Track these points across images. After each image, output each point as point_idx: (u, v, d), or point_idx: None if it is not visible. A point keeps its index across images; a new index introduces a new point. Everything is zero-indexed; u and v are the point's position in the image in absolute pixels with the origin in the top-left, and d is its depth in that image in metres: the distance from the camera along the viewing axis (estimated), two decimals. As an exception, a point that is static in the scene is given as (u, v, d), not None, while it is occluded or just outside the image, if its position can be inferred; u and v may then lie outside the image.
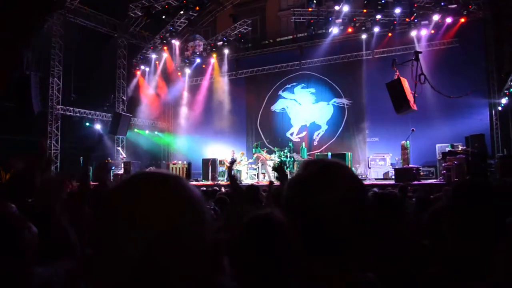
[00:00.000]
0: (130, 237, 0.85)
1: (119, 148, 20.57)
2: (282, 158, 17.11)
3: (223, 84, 21.22)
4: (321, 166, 1.20)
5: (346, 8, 16.35)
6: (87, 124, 19.14)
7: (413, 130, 14.38)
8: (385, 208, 3.26)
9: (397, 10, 15.94)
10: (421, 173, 14.71)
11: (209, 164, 17.83)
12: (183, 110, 21.74)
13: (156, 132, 22.04)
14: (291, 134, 20.09)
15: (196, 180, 17.88)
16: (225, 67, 21.06)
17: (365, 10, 16.51)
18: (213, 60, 21.00)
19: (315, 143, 19.44)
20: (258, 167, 17.40)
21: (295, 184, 1.18)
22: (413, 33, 16.54)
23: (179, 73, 21.66)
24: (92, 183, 3.95)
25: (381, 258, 2.25)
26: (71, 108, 18.38)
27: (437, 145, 15.12)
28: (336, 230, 1.11)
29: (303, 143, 18.51)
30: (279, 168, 2.79)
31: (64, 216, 2.55)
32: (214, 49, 20.42)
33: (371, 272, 1.15)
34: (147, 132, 21.68)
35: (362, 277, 1.11)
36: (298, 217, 1.15)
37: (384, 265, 2.09)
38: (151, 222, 0.86)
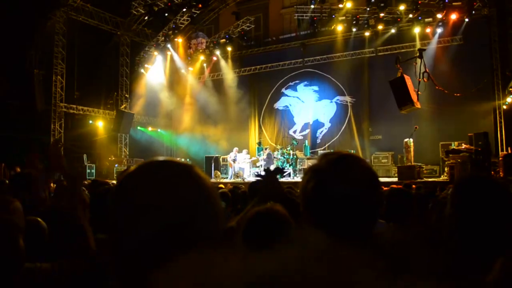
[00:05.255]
0: (146, 220, 0.86)
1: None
2: (285, 156, 17.09)
3: (225, 81, 21.19)
4: (337, 156, 1.22)
5: (349, 6, 16.29)
6: (90, 121, 19.19)
7: (416, 128, 14.35)
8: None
9: (401, 8, 15.88)
10: (424, 171, 14.69)
11: (212, 162, 17.86)
12: (186, 108, 21.73)
13: (158, 130, 22.06)
14: (294, 132, 20.07)
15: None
16: (228, 64, 21.03)
17: (368, 8, 16.47)
18: (216, 57, 20.97)
19: (318, 140, 19.41)
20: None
21: (312, 173, 1.20)
22: (417, 31, 16.48)
23: (182, 71, 21.65)
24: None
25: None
26: (74, 106, 18.42)
27: (441, 143, 15.08)
28: (350, 217, 1.13)
29: (306, 141, 18.49)
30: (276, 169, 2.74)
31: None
32: (216, 47, 20.40)
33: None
34: (149, 129, 21.70)
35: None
36: (314, 204, 1.17)
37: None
38: (169, 206, 0.87)
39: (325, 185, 1.16)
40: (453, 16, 15.39)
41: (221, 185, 8.79)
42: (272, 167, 15.65)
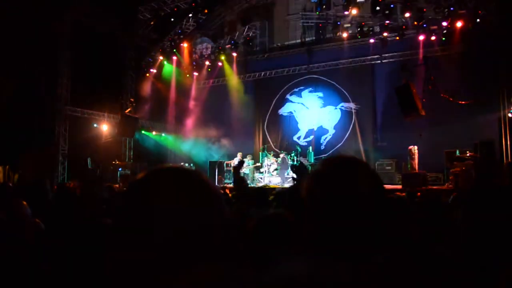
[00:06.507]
0: (155, 227, 0.86)
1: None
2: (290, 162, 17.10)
3: (230, 87, 21.24)
4: (339, 162, 1.21)
5: (354, 13, 16.31)
6: (95, 125, 19.23)
7: (421, 135, 14.32)
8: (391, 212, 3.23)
9: (406, 15, 15.88)
10: (429, 179, 14.63)
11: (216, 167, 17.85)
12: (190, 112, 21.76)
13: (163, 134, 22.10)
14: (298, 138, 20.05)
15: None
16: (233, 70, 21.07)
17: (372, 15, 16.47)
18: (221, 63, 21.02)
19: (322, 147, 19.38)
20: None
21: (314, 178, 1.19)
22: (422, 38, 16.47)
23: (187, 75, 21.71)
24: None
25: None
26: (79, 109, 18.48)
27: (445, 151, 15.02)
28: (353, 223, 1.12)
29: (310, 147, 18.46)
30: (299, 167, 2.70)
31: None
32: (222, 52, 20.45)
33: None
34: (154, 133, 21.73)
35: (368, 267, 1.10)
36: (317, 210, 1.16)
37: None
38: (178, 213, 0.87)
39: (327, 190, 1.15)
40: (459, 24, 15.38)
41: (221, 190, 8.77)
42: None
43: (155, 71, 21.17)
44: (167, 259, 0.86)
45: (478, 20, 15.00)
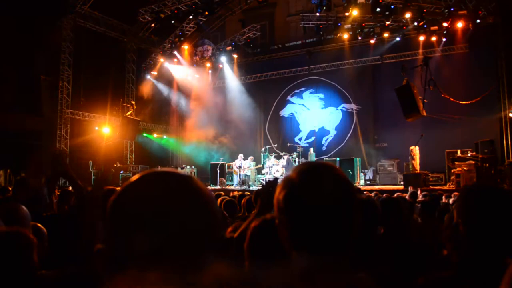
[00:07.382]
0: (141, 234, 0.86)
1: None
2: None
3: (231, 89, 21.23)
4: (308, 167, 1.22)
5: (355, 13, 16.28)
6: (96, 128, 19.23)
7: (422, 135, 14.30)
8: (391, 213, 3.22)
9: (407, 16, 15.86)
10: (430, 179, 14.61)
11: (218, 169, 17.84)
12: (192, 115, 21.74)
13: (164, 136, 22.09)
14: (300, 139, 20.05)
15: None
16: (234, 72, 21.07)
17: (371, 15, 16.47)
18: (222, 65, 21.02)
19: (324, 148, 19.38)
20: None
21: (283, 184, 1.22)
22: (422, 39, 16.46)
23: (187, 78, 21.70)
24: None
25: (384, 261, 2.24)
26: (80, 112, 18.50)
27: (446, 151, 15.01)
28: (322, 228, 1.13)
29: (312, 149, 18.43)
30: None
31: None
32: (223, 54, 20.46)
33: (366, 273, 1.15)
34: (155, 136, 21.72)
35: (351, 277, 1.11)
36: (287, 216, 1.18)
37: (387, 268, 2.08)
38: (164, 220, 0.88)
39: (294, 196, 1.17)
40: (459, 25, 15.35)
41: (222, 192, 8.75)
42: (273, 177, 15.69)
43: (156, 73, 21.18)
44: (159, 260, 0.86)
45: (478, 20, 14.97)
